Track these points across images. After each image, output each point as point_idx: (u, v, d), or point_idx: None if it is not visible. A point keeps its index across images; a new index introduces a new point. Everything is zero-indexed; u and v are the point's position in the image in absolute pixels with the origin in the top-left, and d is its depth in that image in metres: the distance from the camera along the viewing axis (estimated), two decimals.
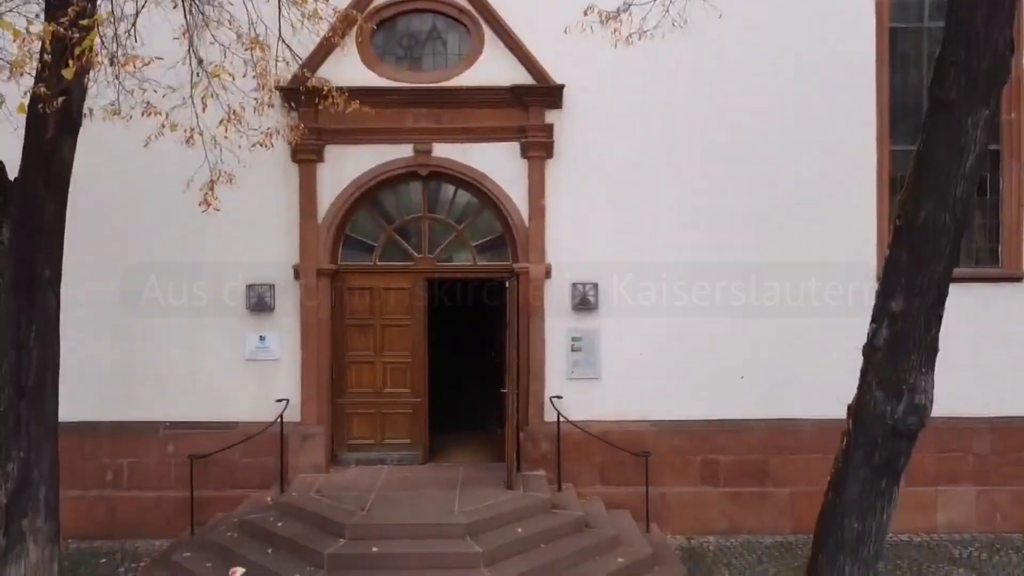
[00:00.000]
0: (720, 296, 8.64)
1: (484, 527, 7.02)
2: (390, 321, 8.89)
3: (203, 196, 6.16)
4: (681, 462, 8.67)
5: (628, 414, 8.66)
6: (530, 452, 8.56)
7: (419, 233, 8.95)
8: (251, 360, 8.69)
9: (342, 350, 8.85)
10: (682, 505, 8.64)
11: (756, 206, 8.62)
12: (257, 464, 8.62)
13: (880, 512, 6.08)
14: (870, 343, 5.80)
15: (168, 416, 8.65)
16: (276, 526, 7.27)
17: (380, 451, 8.89)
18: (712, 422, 8.69)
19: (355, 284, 8.87)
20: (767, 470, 8.69)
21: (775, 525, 8.65)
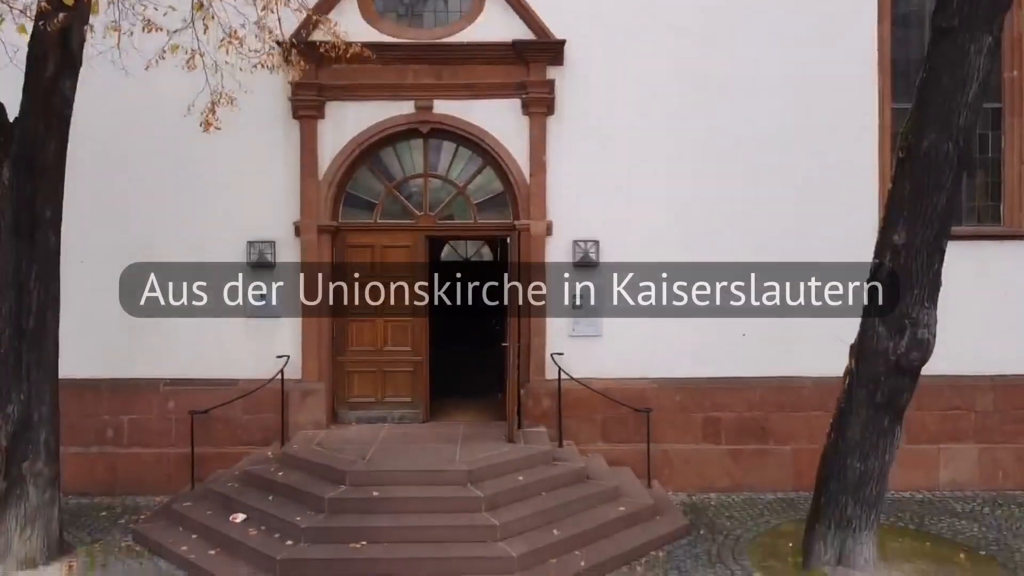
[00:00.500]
0: (723, 254, 8.59)
1: (485, 475, 7.01)
2: (391, 279, 8.86)
3: (203, 118, 6.07)
4: (683, 419, 8.66)
5: (629, 371, 8.64)
6: (531, 409, 8.55)
7: (420, 191, 8.94)
8: (252, 317, 8.67)
9: (343, 306, 8.83)
10: (684, 462, 8.63)
11: (760, 163, 8.59)
12: (258, 421, 8.60)
13: (883, 452, 6.08)
14: (872, 278, 5.79)
15: (169, 373, 8.63)
16: (277, 475, 7.25)
17: (381, 409, 8.87)
18: (714, 380, 8.67)
19: (356, 242, 8.85)
20: (768, 427, 8.67)
21: (776, 482, 8.63)
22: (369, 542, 6.24)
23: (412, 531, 6.36)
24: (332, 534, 6.32)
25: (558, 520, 6.74)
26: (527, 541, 6.33)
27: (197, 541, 6.70)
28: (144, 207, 8.61)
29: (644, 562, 6.58)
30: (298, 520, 6.41)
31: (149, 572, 6.43)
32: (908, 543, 7.02)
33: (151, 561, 6.64)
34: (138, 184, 8.60)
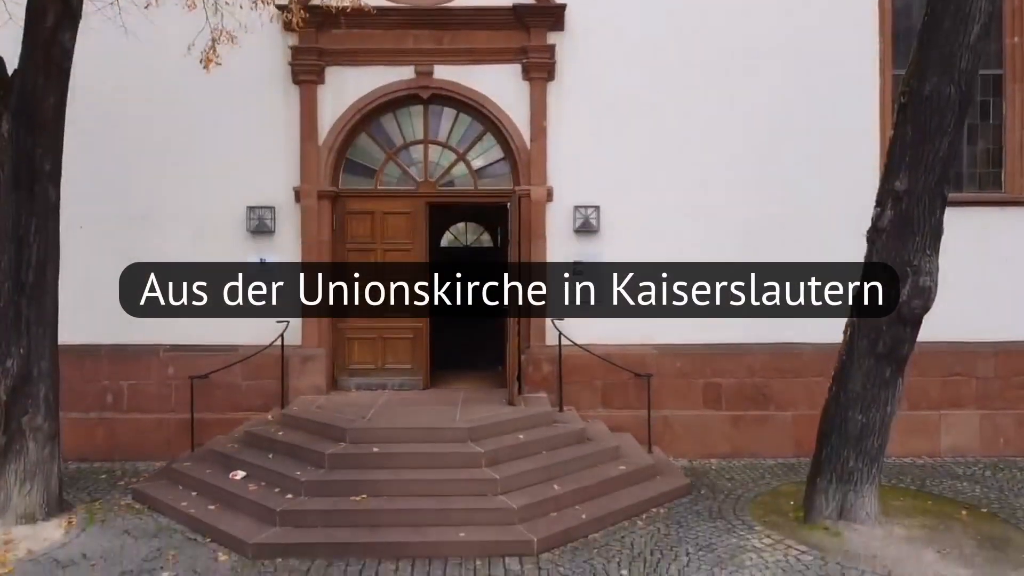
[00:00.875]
0: (724, 220, 8.60)
1: (485, 433, 6.99)
2: (391, 246, 8.86)
3: (204, 55, 6.06)
4: (683, 385, 8.65)
5: (630, 338, 8.62)
6: (531, 374, 8.54)
7: (420, 157, 8.92)
8: (252, 282, 8.64)
9: (343, 275, 8.81)
10: (684, 428, 8.61)
11: (763, 128, 8.59)
12: (258, 387, 8.59)
13: (884, 403, 6.07)
14: (874, 226, 5.78)
15: (169, 339, 8.62)
16: (277, 435, 7.24)
17: (381, 376, 8.86)
18: (714, 346, 8.65)
19: (356, 208, 8.84)
20: (768, 394, 8.65)
21: (777, 448, 8.61)
22: (369, 495, 6.23)
23: (412, 484, 6.35)
24: (332, 487, 6.30)
25: (558, 477, 6.72)
26: (527, 495, 6.31)
27: (197, 498, 6.69)
28: (144, 172, 8.60)
29: (645, 517, 6.56)
30: (298, 475, 6.40)
31: (148, 526, 6.40)
32: (909, 501, 7.00)
33: (150, 516, 6.62)
34: (138, 149, 8.60)
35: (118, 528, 6.42)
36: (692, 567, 5.62)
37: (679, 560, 5.74)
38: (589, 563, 5.67)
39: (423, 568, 5.59)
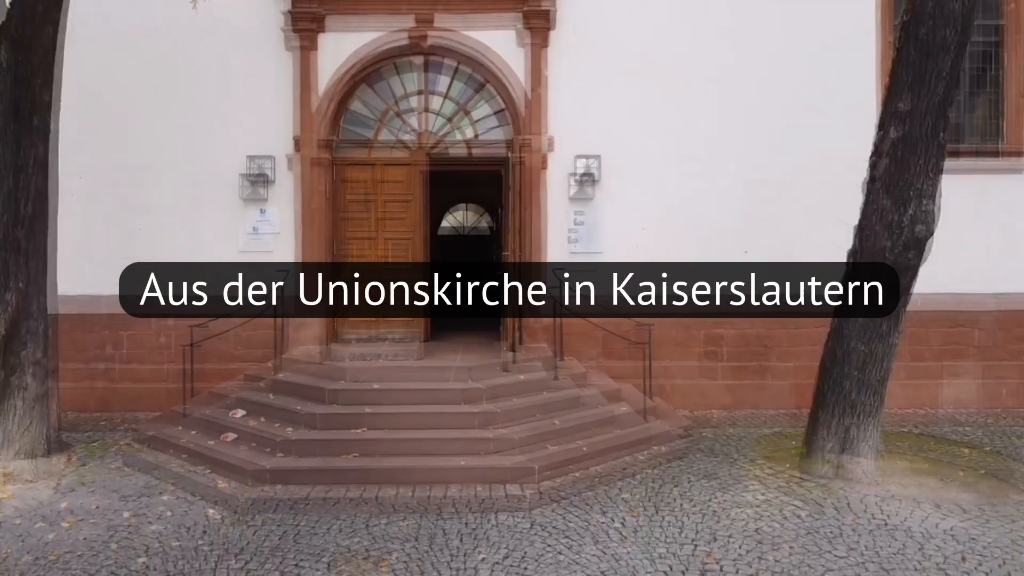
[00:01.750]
0: (727, 168, 8.57)
1: (479, 396, 6.83)
2: (391, 196, 8.83)
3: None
4: (684, 337, 8.61)
5: (628, 302, 8.56)
6: (531, 325, 8.50)
7: (420, 109, 8.89)
8: (251, 234, 8.62)
9: (343, 227, 8.79)
10: (685, 380, 8.58)
11: (764, 78, 8.57)
12: (258, 337, 8.53)
13: (887, 333, 6.03)
14: (876, 150, 5.75)
15: None
16: (278, 376, 7.21)
17: (376, 344, 8.79)
18: (715, 307, 8.60)
19: (356, 159, 8.81)
20: (770, 345, 8.62)
21: (779, 400, 8.58)
22: (368, 427, 6.19)
23: (408, 418, 6.31)
24: (336, 420, 6.27)
25: (559, 412, 6.69)
26: (529, 428, 6.28)
27: (197, 435, 6.67)
28: (143, 122, 8.57)
29: (646, 453, 6.53)
30: (299, 409, 6.37)
31: (149, 460, 6.37)
32: (913, 442, 6.99)
33: (151, 453, 6.59)
34: (136, 99, 8.57)
35: (118, 463, 6.40)
36: (694, 491, 5.59)
37: (681, 486, 5.71)
38: (592, 490, 5.65)
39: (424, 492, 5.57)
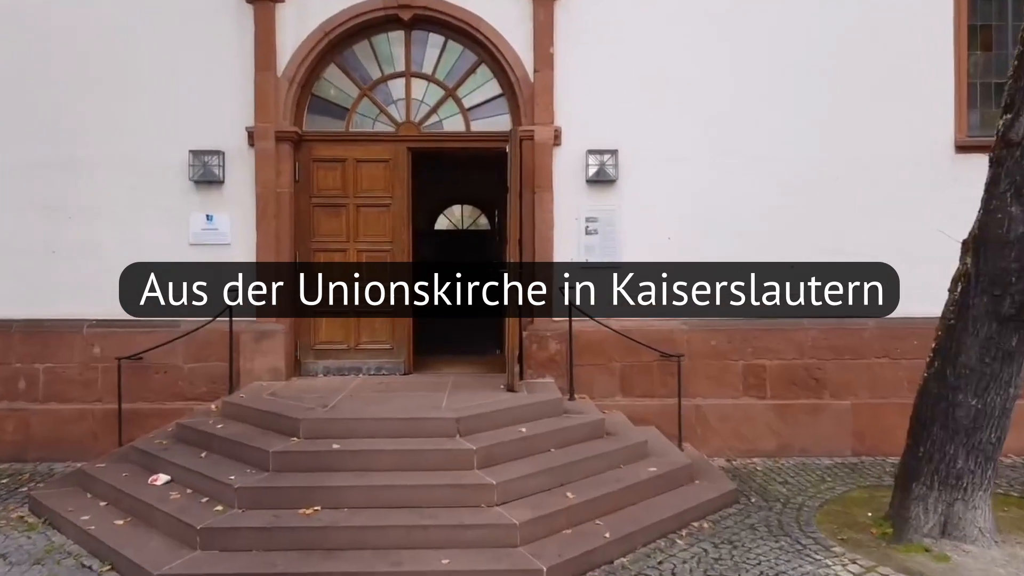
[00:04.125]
0: (772, 167, 7.09)
1: (479, 425, 5.48)
2: (366, 200, 7.34)
3: None
4: (719, 368, 7.13)
5: (652, 308, 7.10)
6: (535, 354, 7.02)
7: (401, 93, 7.38)
8: (196, 244, 7.13)
9: (308, 235, 7.30)
10: (721, 420, 7.10)
11: (810, 54, 7.08)
12: (203, 371, 7.07)
13: (1007, 383, 4.53)
14: (1002, 139, 4.25)
15: (95, 313, 7.08)
16: (216, 428, 5.72)
17: (354, 358, 7.33)
18: (756, 319, 7.13)
19: (323, 155, 7.31)
20: (822, 377, 7.14)
21: (833, 445, 7.09)
22: (324, 506, 4.70)
23: (382, 493, 4.81)
24: (275, 496, 4.78)
25: (572, 482, 5.21)
26: (532, 506, 4.79)
27: (105, 509, 5.18)
28: (71, 112, 7.07)
29: (685, 534, 5.05)
30: (232, 480, 4.87)
31: (38, 547, 4.88)
32: (1019, 512, 5.49)
33: (42, 534, 5.10)
34: (64, 85, 7.08)
35: None
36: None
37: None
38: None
39: None
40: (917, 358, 6.86)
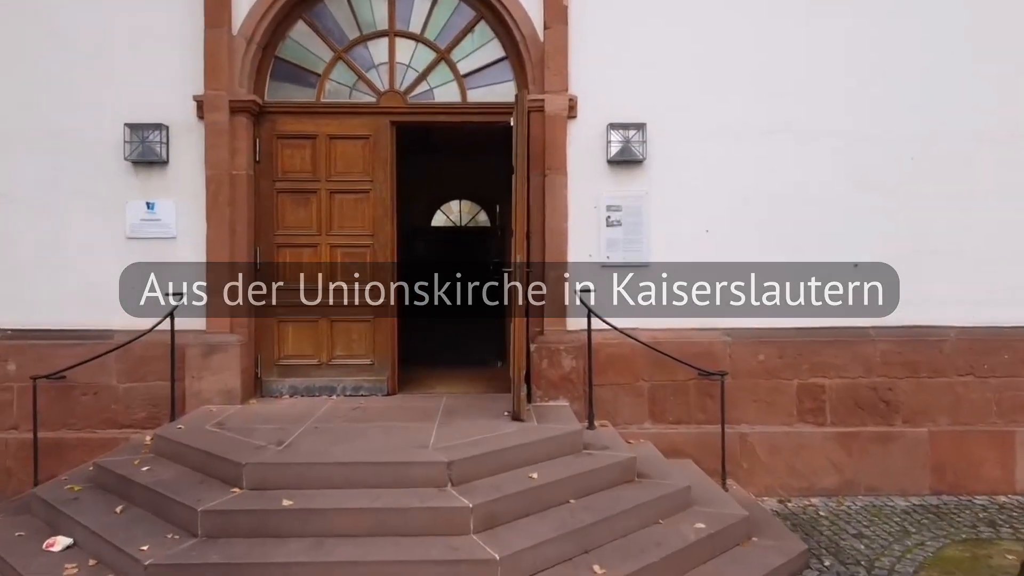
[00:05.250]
0: (833, 144, 5.87)
1: (477, 469, 4.23)
2: (342, 185, 6.08)
3: None
4: (769, 388, 5.88)
5: (690, 318, 5.88)
6: (546, 371, 5.76)
7: (384, 57, 6.12)
8: (135, 239, 5.88)
9: (270, 226, 6.05)
10: (771, 451, 5.85)
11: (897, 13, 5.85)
12: (143, 392, 5.82)
13: None
14: None
15: (8, 321, 5.83)
16: (140, 471, 4.47)
17: (327, 375, 6.08)
18: (814, 330, 5.90)
19: (289, 130, 6.05)
20: (894, 400, 5.89)
21: (907, 481, 5.85)
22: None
23: (345, 574, 3.55)
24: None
25: (599, 546, 3.97)
26: None
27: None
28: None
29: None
30: (144, 553, 3.60)
31: None
32: None
33: None
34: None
35: None
36: None
37: None
38: None
39: None
40: (1009, 376, 5.77)
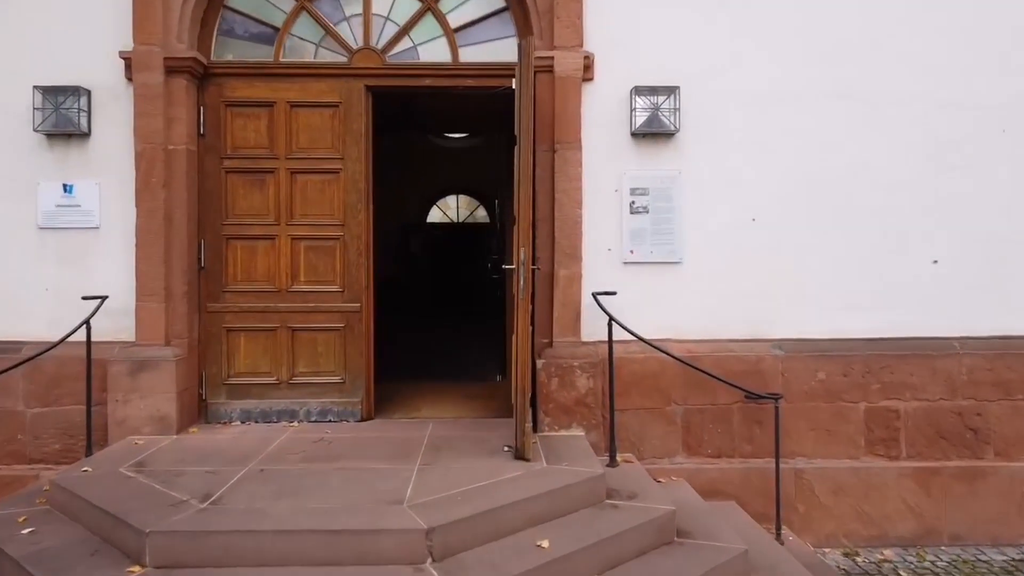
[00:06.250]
0: (910, 110, 4.78)
1: (467, 538, 3.12)
2: (306, 164, 4.96)
3: None
4: (830, 413, 4.78)
5: (731, 327, 4.81)
6: (555, 393, 4.64)
7: (358, 7, 5.01)
8: (48, 228, 4.77)
9: (218, 214, 4.93)
10: (833, 491, 4.75)
11: None
12: (57, 419, 4.72)
13: None
14: None
15: None
16: (18, 535, 3.36)
17: (288, 397, 4.96)
18: (885, 341, 4.81)
19: (241, 96, 4.93)
20: (984, 427, 4.79)
21: (1002, 529, 4.75)
22: None
23: None
24: None
25: None
26: None
27: None
28: None
29: None
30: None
31: None
32: None
33: None
34: None
35: None
36: None
37: None
38: None
39: None
40: None
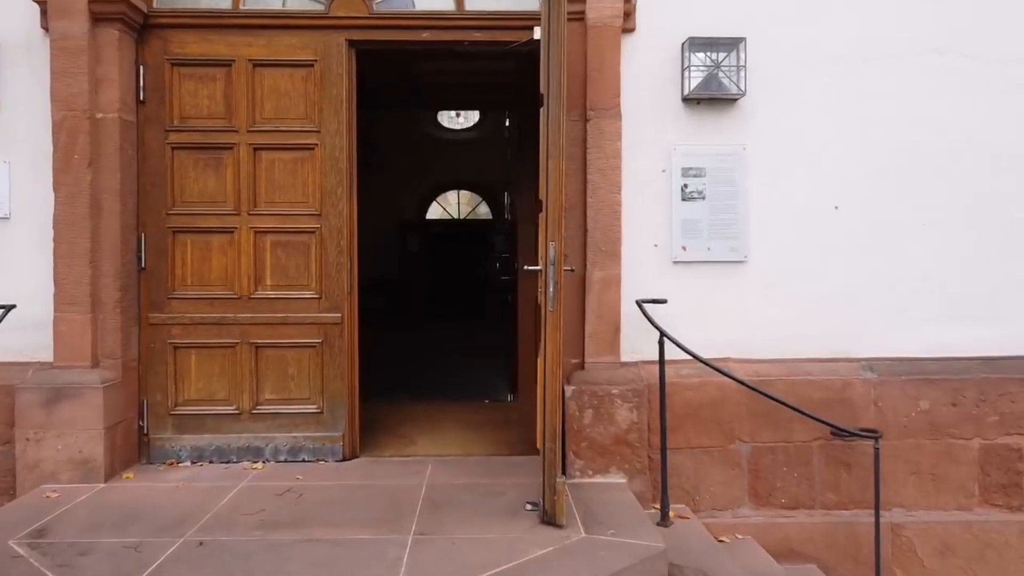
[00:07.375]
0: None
1: None
2: (273, 138, 3.95)
3: None
4: (936, 452, 3.79)
5: (808, 344, 3.81)
6: (589, 429, 3.62)
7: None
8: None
9: (161, 200, 3.92)
10: (939, 552, 3.75)
11: None
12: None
13: None
14: None
15: None
16: None
17: (250, 431, 3.95)
18: (1004, 361, 3.82)
19: (192, 53, 3.92)
20: None
21: None
22: None
23: None
24: None
25: None
26: None
27: None
28: None
29: None
30: None
31: None
32: None
33: None
34: None
35: None
36: None
37: None
38: None
39: None
40: None
